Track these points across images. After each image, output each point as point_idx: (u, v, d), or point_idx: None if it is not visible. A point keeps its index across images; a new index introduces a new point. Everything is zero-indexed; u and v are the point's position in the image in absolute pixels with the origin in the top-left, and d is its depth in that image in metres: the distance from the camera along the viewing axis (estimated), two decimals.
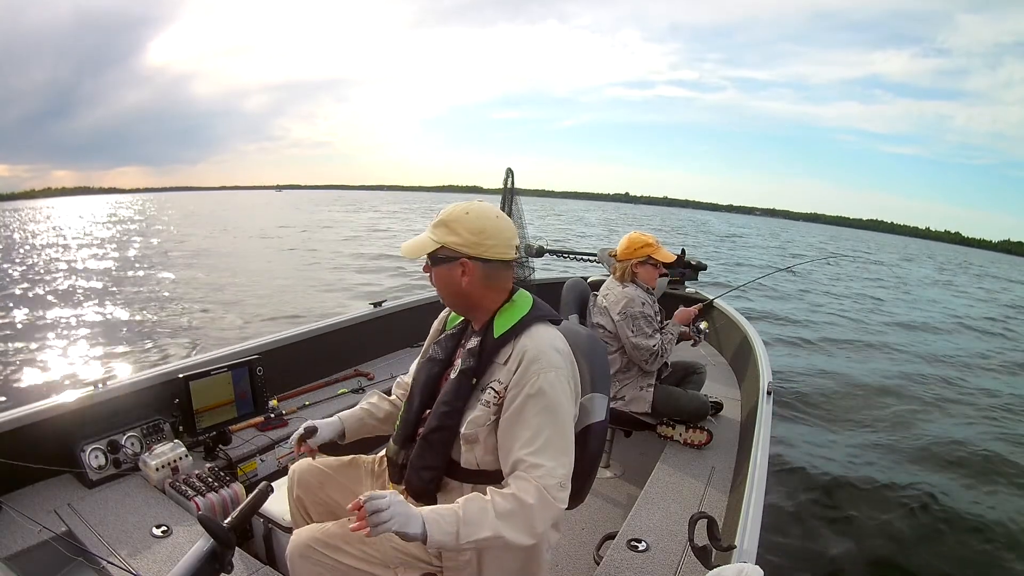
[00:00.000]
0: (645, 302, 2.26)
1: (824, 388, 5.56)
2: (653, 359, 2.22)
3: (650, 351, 2.20)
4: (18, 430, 1.61)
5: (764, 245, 30.35)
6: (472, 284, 1.11)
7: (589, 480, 1.28)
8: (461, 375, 1.12)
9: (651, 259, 2.30)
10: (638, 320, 2.22)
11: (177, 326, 7.15)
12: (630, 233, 2.37)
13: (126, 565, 1.30)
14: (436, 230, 1.12)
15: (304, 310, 7.84)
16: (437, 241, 1.11)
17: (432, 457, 1.13)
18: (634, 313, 2.22)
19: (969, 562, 2.85)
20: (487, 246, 1.10)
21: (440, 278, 1.14)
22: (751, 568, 0.91)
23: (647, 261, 2.30)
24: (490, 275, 1.12)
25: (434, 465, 1.13)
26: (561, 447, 1.04)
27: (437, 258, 1.12)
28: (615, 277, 2.37)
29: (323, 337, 2.61)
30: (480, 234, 1.09)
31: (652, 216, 64.00)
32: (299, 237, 19.99)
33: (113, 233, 22.66)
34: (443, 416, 1.12)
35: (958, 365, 7.23)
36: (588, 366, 1.24)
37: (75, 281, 10.47)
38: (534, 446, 1.01)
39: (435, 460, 1.13)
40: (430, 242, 1.12)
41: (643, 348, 2.20)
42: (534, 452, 1.01)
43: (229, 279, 10.71)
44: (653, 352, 2.20)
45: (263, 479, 1.44)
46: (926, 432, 4.60)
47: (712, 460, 2.12)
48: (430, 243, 1.12)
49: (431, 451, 1.14)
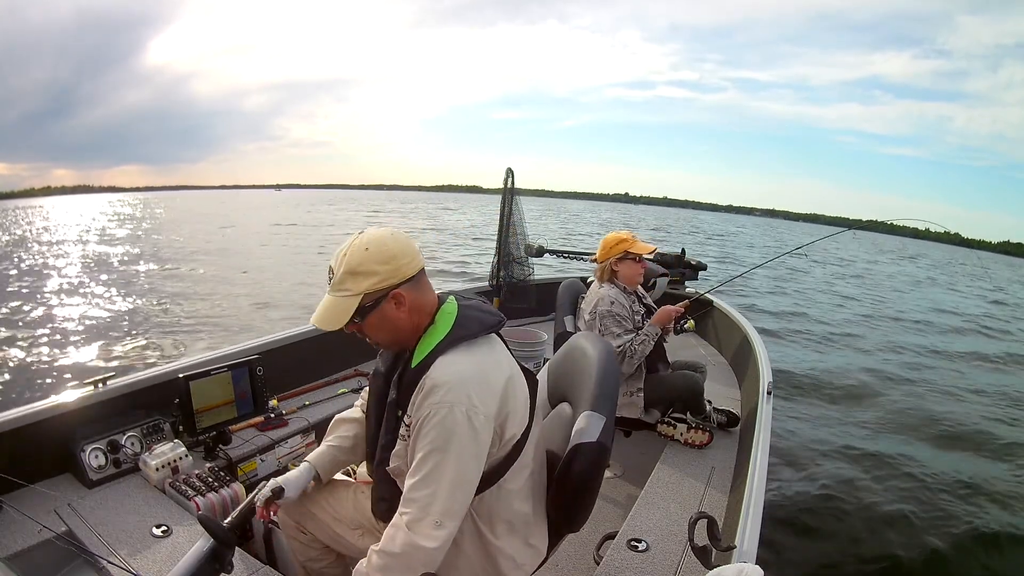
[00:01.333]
0: (615, 301, 2.23)
1: (824, 388, 5.57)
2: (621, 359, 2.16)
3: (618, 351, 2.16)
4: (18, 430, 1.60)
5: (757, 244, 30.45)
6: (410, 311, 1.04)
7: (578, 502, 1.20)
8: (389, 407, 1.09)
9: (628, 254, 2.27)
10: (605, 319, 2.21)
11: (176, 326, 7.15)
12: (608, 235, 2.36)
13: (126, 565, 1.30)
14: (347, 285, 1.01)
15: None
16: (356, 294, 1.01)
17: (386, 489, 1.11)
18: (602, 312, 2.21)
19: (970, 562, 2.86)
20: (403, 265, 1.02)
21: (377, 326, 1.05)
22: (751, 568, 0.91)
23: (625, 256, 2.28)
24: (418, 291, 1.05)
25: (388, 497, 1.10)
26: (446, 480, 0.96)
27: (364, 309, 1.02)
28: (596, 278, 2.38)
29: (323, 337, 2.60)
30: (392, 260, 1.01)
31: (647, 216, 63.94)
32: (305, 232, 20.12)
33: (107, 229, 22.68)
34: (381, 449, 1.10)
35: (963, 361, 7.24)
36: (591, 383, 1.22)
37: (72, 280, 10.47)
38: (415, 478, 0.97)
39: (388, 492, 1.10)
40: (349, 300, 1.01)
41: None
42: (413, 486, 0.97)
43: (232, 276, 10.74)
44: (619, 351, 2.15)
45: (263, 479, 1.44)
46: (927, 432, 4.60)
47: (712, 460, 2.12)
48: (350, 301, 1.01)
49: (384, 483, 1.12)
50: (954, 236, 42.79)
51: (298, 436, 2.12)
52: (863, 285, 15.13)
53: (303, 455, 2.12)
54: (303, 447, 2.13)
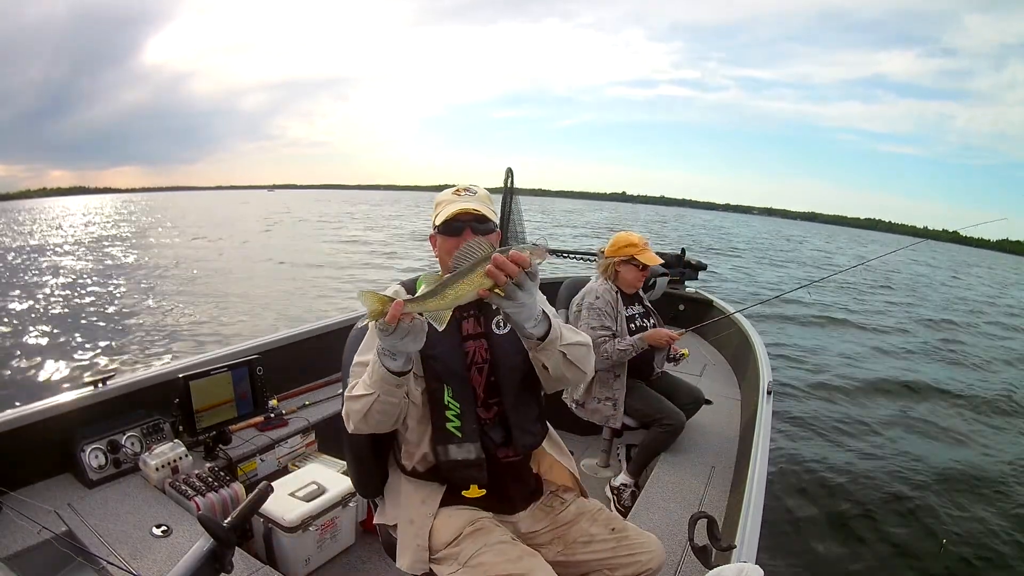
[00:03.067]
0: (599, 296, 2.19)
1: (825, 387, 5.57)
2: (597, 354, 1.99)
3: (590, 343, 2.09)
4: (18, 430, 1.60)
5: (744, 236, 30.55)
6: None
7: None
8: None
9: (633, 259, 2.23)
10: (583, 311, 2.18)
11: (176, 324, 7.14)
12: (619, 234, 2.33)
13: (126, 565, 1.30)
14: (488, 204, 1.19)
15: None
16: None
17: (528, 397, 1.19)
18: (586, 304, 2.19)
19: (970, 561, 2.86)
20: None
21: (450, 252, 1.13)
22: (751, 568, 0.91)
23: (629, 261, 2.24)
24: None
25: (532, 403, 1.20)
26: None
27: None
28: (598, 272, 2.35)
29: (323, 337, 2.61)
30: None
31: (639, 214, 63.81)
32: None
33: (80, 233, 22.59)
34: (524, 363, 1.13)
35: (964, 366, 7.24)
36: None
37: (72, 281, 10.47)
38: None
39: (531, 397, 1.19)
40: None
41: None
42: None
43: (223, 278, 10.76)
44: (590, 344, 2.07)
45: (263, 479, 1.44)
46: (928, 431, 4.61)
47: (712, 460, 2.12)
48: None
49: (526, 395, 1.18)
50: (953, 234, 42.58)
51: (298, 436, 2.12)
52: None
53: (303, 455, 2.12)
54: (303, 447, 2.13)
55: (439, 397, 1.13)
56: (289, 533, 1.63)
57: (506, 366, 1.16)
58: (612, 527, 1.17)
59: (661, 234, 29.47)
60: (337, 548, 1.80)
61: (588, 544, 1.15)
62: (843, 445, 4.15)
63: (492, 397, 1.17)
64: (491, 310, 1.18)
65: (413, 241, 19.08)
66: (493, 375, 1.16)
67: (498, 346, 1.17)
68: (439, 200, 1.20)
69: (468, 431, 1.13)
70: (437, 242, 1.18)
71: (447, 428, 1.13)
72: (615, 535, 1.16)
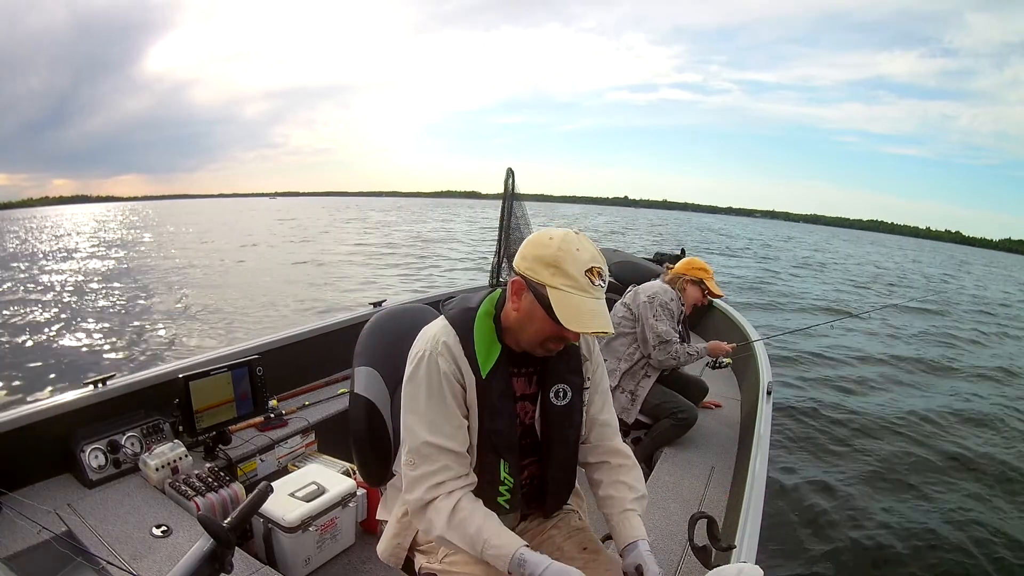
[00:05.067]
0: (673, 299, 2.40)
1: (825, 387, 5.56)
2: (662, 348, 2.28)
3: (660, 337, 2.28)
4: (18, 430, 1.60)
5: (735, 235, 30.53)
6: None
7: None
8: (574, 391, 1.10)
9: (703, 283, 2.46)
10: (661, 307, 2.34)
11: (174, 324, 7.15)
12: (694, 257, 2.62)
13: (126, 565, 1.30)
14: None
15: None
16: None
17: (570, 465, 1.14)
18: (662, 301, 2.35)
19: (970, 561, 2.85)
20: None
21: None
22: (751, 568, 0.91)
23: (699, 284, 2.47)
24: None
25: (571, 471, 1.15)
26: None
27: None
28: (664, 279, 2.53)
29: (323, 337, 2.61)
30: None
31: (639, 219, 63.68)
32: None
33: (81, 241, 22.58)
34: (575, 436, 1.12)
35: (963, 369, 7.23)
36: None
37: (71, 282, 10.47)
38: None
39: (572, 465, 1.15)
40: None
41: (657, 331, 2.29)
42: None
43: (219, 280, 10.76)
44: (662, 339, 2.28)
45: (263, 479, 1.44)
46: (929, 431, 4.60)
47: (712, 460, 2.12)
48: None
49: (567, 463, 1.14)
50: (955, 235, 42.64)
51: (298, 436, 2.12)
52: None
53: (303, 455, 2.12)
54: (303, 447, 2.13)
55: (494, 471, 1.04)
56: (289, 533, 1.63)
57: (557, 441, 1.10)
58: (585, 547, 1.15)
59: (662, 235, 29.49)
60: (337, 548, 1.80)
61: (554, 556, 1.04)
62: (843, 445, 4.15)
63: (527, 457, 1.11)
64: (549, 371, 1.09)
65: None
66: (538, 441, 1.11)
67: (553, 418, 1.09)
68: (561, 258, 0.93)
69: (515, 503, 1.08)
70: (525, 300, 0.98)
71: (498, 502, 1.05)
72: (584, 555, 1.13)
